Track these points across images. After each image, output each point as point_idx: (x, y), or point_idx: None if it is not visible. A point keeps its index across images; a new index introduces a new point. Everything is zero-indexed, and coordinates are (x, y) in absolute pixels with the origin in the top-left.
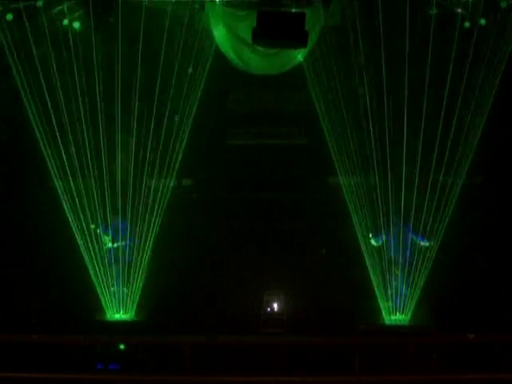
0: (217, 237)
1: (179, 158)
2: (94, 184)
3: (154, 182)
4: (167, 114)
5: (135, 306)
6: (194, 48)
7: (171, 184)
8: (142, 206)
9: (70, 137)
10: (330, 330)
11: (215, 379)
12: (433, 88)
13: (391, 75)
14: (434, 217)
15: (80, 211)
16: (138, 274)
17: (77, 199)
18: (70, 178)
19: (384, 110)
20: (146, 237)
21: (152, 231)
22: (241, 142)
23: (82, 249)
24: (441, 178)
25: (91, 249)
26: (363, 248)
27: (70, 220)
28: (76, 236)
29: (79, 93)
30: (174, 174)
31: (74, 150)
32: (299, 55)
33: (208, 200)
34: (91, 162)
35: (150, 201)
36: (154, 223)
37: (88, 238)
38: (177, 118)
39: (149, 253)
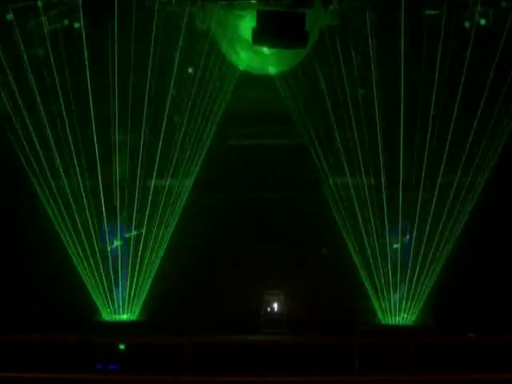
0: (217, 237)
1: (199, 159)
2: (94, 184)
3: (160, 182)
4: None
5: (139, 307)
6: (195, 49)
7: (177, 185)
8: (146, 207)
9: (69, 138)
10: (329, 330)
11: (215, 379)
12: (433, 88)
13: (391, 76)
14: (436, 218)
15: (80, 212)
16: (144, 276)
17: (79, 200)
18: (68, 179)
19: (386, 111)
20: (154, 238)
21: (163, 232)
22: (241, 142)
23: (83, 249)
24: (442, 178)
25: (91, 249)
26: (363, 248)
27: (71, 221)
28: (77, 237)
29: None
30: (193, 174)
31: (74, 150)
32: (299, 55)
33: (208, 200)
34: (91, 163)
35: (157, 202)
36: (165, 225)
37: (89, 239)
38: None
39: (160, 254)
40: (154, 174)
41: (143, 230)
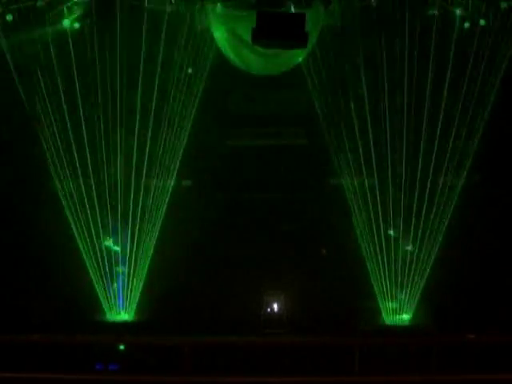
0: (217, 237)
1: (179, 158)
2: (94, 185)
3: (154, 182)
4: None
5: (135, 306)
6: (194, 48)
7: (172, 184)
8: (142, 206)
9: (70, 137)
10: (330, 329)
11: (215, 379)
12: (433, 88)
13: (391, 75)
14: (434, 217)
15: (80, 212)
16: (140, 275)
17: (77, 200)
18: (70, 179)
19: (384, 110)
20: (148, 237)
21: (154, 231)
22: (241, 142)
23: (82, 249)
24: (441, 178)
25: (91, 249)
26: (363, 248)
27: (70, 221)
28: (76, 237)
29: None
30: (175, 174)
31: (74, 150)
32: (299, 56)
33: (208, 200)
34: (91, 163)
35: (152, 201)
36: (156, 224)
37: (88, 238)
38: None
39: (150, 253)
40: (145, 173)
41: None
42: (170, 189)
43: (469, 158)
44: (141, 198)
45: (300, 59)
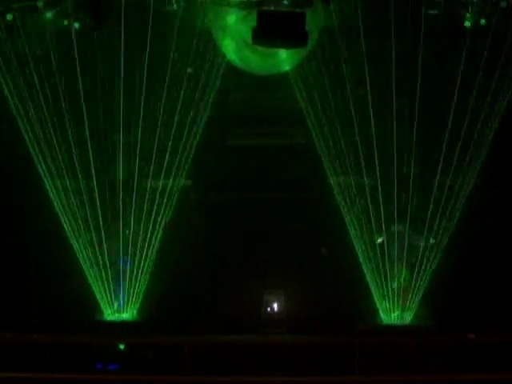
0: (217, 237)
1: (189, 160)
2: (93, 185)
3: (156, 183)
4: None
5: (137, 306)
6: (194, 48)
7: (174, 185)
8: (144, 207)
9: (69, 137)
10: (329, 330)
11: (215, 379)
12: (434, 87)
13: (391, 75)
14: (435, 217)
15: (79, 212)
16: (141, 275)
17: (76, 200)
18: (69, 179)
19: (383, 110)
20: (148, 239)
21: (155, 233)
22: (241, 142)
23: (82, 249)
24: (449, 178)
25: (91, 249)
26: (363, 248)
27: (69, 220)
28: (76, 236)
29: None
30: (175, 174)
31: (73, 150)
32: (299, 56)
33: (208, 200)
34: (92, 163)
35: (153, 202)
36: (157, 225)
37: (87, 238)
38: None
39: (153, 254)
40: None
41: None
42: (172, 190)
43: (479, 159)
44: (145, 199)
45: (300, 59)
